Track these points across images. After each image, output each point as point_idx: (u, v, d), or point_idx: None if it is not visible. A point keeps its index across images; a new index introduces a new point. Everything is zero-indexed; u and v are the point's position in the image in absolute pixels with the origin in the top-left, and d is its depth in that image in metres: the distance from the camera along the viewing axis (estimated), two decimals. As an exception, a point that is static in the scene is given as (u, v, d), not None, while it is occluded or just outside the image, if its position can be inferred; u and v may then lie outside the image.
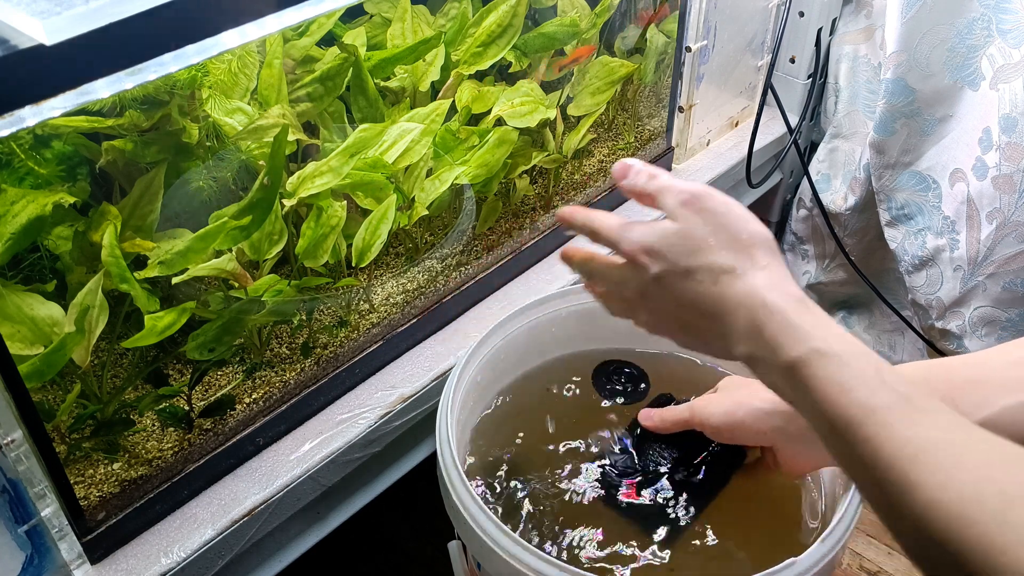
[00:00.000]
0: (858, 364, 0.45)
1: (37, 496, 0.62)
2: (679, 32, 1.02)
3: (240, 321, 0.75)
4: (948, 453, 0.41)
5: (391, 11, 0.89)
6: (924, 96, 1.06)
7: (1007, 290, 1.05)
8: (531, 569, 0.61)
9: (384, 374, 0.84)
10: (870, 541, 1.09)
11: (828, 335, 0.47)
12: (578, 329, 0.86)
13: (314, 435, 0.78)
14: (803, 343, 0.47)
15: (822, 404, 0.45)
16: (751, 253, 0.51)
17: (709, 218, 0.53)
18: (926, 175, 1.11)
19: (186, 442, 0.74)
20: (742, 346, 0.50)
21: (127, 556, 0.69)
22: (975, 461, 0.40)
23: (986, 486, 0.39)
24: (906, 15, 1.01)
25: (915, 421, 0.42)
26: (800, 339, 0.47)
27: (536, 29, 0.95)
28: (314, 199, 0.77)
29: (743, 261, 0.51)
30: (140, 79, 0.51)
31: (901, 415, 0.43)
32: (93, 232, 0.67)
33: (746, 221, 0.52)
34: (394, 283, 0.88)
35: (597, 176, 1.05)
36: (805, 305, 0.49)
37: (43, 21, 0.45)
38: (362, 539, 1.09)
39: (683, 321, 0.53)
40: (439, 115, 0.85)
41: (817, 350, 0.46)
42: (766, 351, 0.48)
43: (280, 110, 0.77)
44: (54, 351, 0.63)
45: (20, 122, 0.47)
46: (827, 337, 0.47)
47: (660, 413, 0.74)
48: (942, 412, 0.43)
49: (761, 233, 0.52)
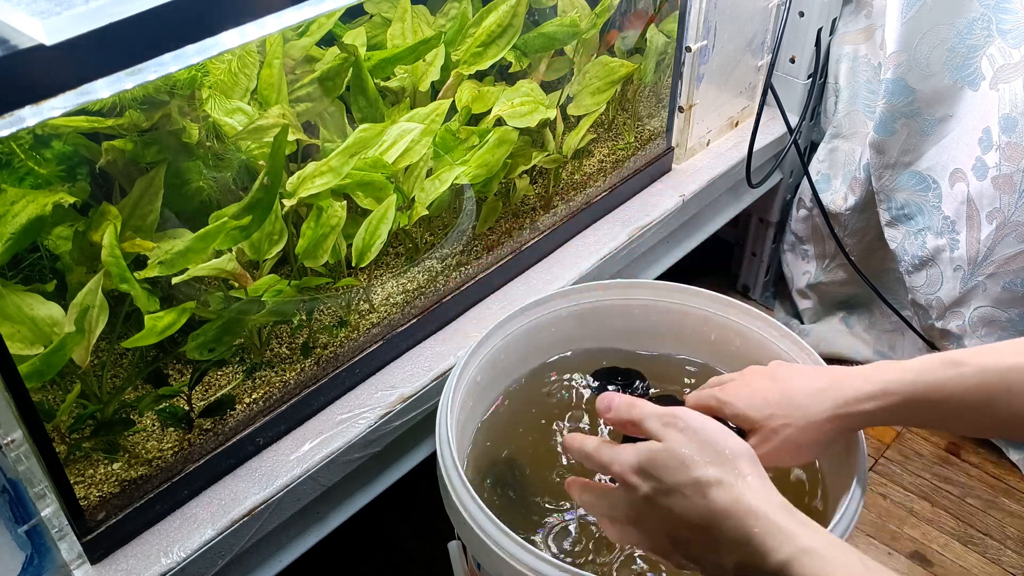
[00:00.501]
0: (844, 558, 0.48)
1: (37, 496, 0.62)
2: (679, 32, 1.02)
3: (240, 321, 0.75)
4: None
5: (391, 11, 0.90)
6: (924, 96, 1.06)
7: (1007, 290, 1.05)
8: (531, 569, 0.61)
9: (384, 374, 0.84)
10: (870, 541, 1.09)
11: (814, 535, 0.50)
12: (578, 329, 0.86)
13: (314, 435, 0.78)
14: (790, 543, 0.49)
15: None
16: (735, 465, 0.54)
17: (692, 436, 0.55)
18: (926, 175, 1.11)
19: (186, 442, 0.74)
20: (732, 555, 0.51)
21: (127, 556, 0.69)
22: None
23: None
24: (906, 15, 1.01)
25: None
26: (787, 540, 0.50)
27: (536, 29, 0.95)
28: (314, 199, 0.77)
29: (728, 473, 0.53)
30: (140, 79, 0.51)
31: None
32: (93, 232, 0.67)
33: (726, 436, 0.56)
34: (394, 283, 0.88)
35: (597, 176, 1.05)
36: (788, 509, 0.52)
37: (43, 21, 0.45)
38: (362, 539, 1.09)
39: (674, 537, 0.55)
40: (439, 115, 0.85)
41: (804, 549, 0.49)
42: (755, 557, 0.50)
43: (280, 110, 0.77)
44: (54, 351, 0.63)
45: (20, 122, 0.47)
46: (813, 536, 0.50)
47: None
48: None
49: (741, 446, 0.55)
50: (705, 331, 0.85)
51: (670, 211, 1.06)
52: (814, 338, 1.30)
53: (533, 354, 0.85)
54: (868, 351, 1.29)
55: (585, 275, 0.96)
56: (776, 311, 1.39)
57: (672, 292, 0.85)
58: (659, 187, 1.10)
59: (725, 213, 1.20)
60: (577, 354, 0.87)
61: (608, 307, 0.86)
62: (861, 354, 1.28)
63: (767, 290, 1.42)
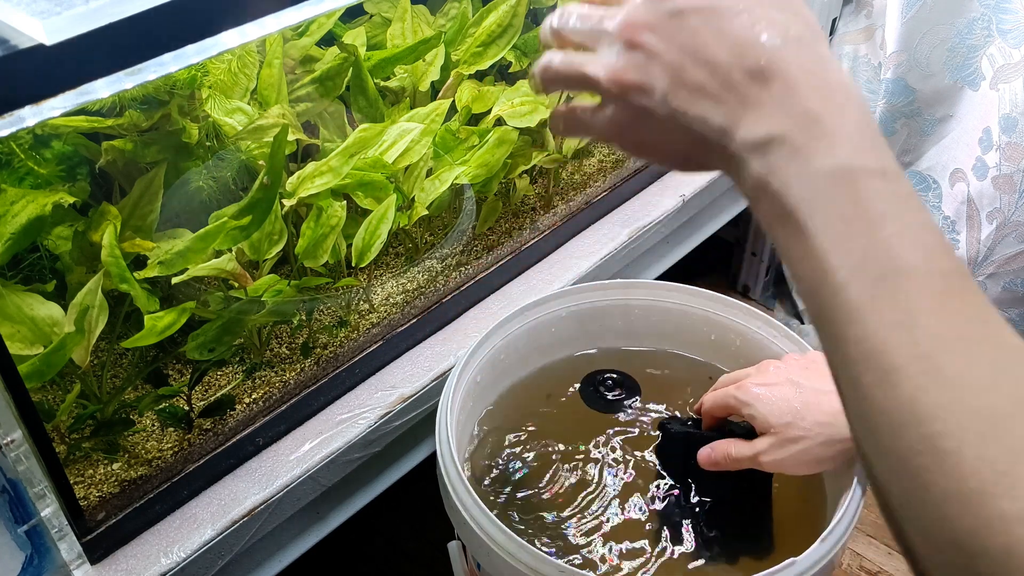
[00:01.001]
0: (911, 209, 0.35)
1: (37, 496, 0.62)
2: (679, 32, 1.02)
3: (240, 321, 0.75)
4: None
5: (391, 11, 0.90)
6: (924, 96, 1.06)
7: (1007, 290, 1.05)
8: (531, 569, 0.61)
9: (384, 374, 0.84)
10: (870, 541, 1.09)
11: (891, 162, 0.37)
12: (578, 329, 0.86)
13: (314, 435, 0.78)
14: (866, 155, 0.36)
15: (839, 227, 0.35)
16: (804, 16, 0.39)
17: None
18: (926, 175, 1.11)
19: (186, 442, 0.74)
20: (776, 121, 0.37)
21: (127, 556, 0.69)
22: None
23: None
24: (906, 15, 1.01)
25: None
26: (862, 149, 0.36)
27: (536, 29, 0.95)
28: (314, 199, 0.77)
29: (800, 21, 0.38)
30: (140, 79, 0.51)
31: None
32: (93, 232, 0.67)
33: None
34: (394, 283, 0.88)
35: (597, 176, 1.05)
36: (868, 112, 0.38)
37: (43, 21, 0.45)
38: (362, 539, 1.09)
39: (683, 77, 0.39)
40: (439, 115, 0.85)
41: (876, 169, 0.36)
42: (810, 137, 0.36)
43: (280, 110, 0.77)
44: (54, 351, 0.63)
45: (20, 122, 0.47)
46: (890, 162, 0.36)
47: (723, 452, 0.69)
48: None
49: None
50: (705, 331, 0.85)
51: (670, 211, 1.06)
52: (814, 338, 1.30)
53: (533, 354, 0.85)
54: (868, 351, 1.28)
55: (585, 275, 0.96)
56: (776, 311, 1.39)
57: (672, 292, 0.85)
58: (659, 187, 1.10)
59: (725, 213, 1.20)
60: (577, 355, 0.87)
61: (608, 307, 0.86)
62: (861, 354, 1.28)
63: (767, 290, 1.42)
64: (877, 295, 0.34)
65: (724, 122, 0.38)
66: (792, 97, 0.37)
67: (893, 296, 0.34)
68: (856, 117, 0.36)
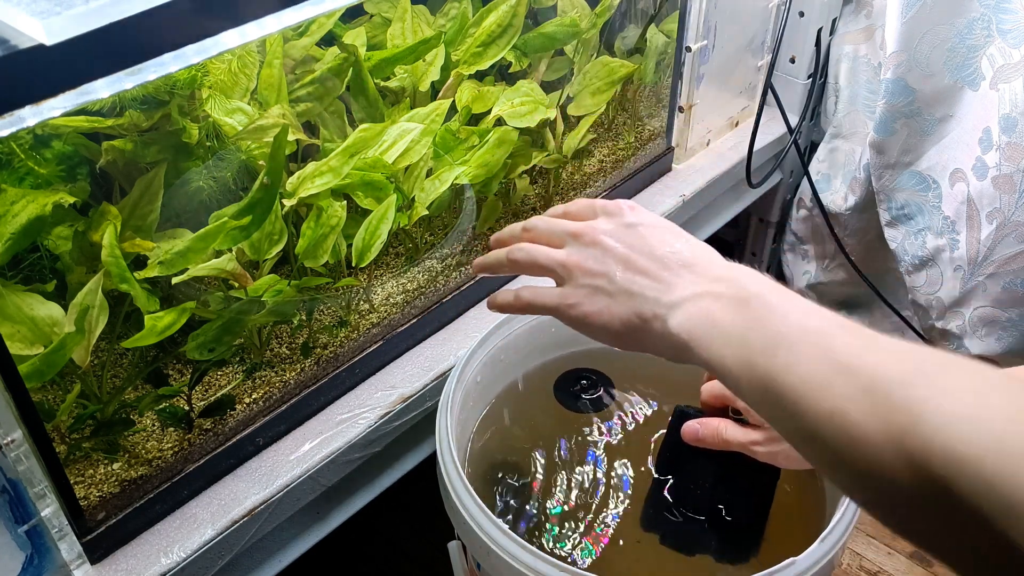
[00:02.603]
0: (826, 312, 0.47)
1: (37, 496, 0.62)
2: (679, 32, 1.02)
3: (240, 321, 0.75)
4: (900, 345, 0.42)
5: (391, 11, 0.90)
6: (924, 96, 1.06)
7: (1007, 290, 1.05)
8: (531, 569, 0.61)
9: (384, 374, 0.84)
10: (870, 541, 1.09)
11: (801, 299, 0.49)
12: (578, 329, 0.86)
13: (314, 435, 0.78)
14: (777, 292, 0.48)
15: (776, 321, 0.46)
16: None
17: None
18: (926, 175, 1.11)
19: (186, 442, 0.74)
20: (694, 287, 0.51)
21: (127, 556, 0.69)
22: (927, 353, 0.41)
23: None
24: (906, 15, 1.01)
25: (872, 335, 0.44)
26: (773, 289, 0.49)
27: (536, 29, 0.95)
28: (314, 199, 0.77)
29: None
30: (140, 79, 0.51)
31: (859, 333, 0.44)
32: (93, 232, 0.67)
33: None
34: (394, 283, 0.88)
35: (597, 176, 1.05)
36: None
37: (43, 21, 0.45)
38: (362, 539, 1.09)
39: (631, 264, 0.54)
40: (439, 115, 0.85)
41: (789, 297, 0.48)
42: (725, 287, 0.49)
43: (280, 110, 0.77)
44: (54, 351, 0.63)
45: (20, 122, 0.47)
46: (800, 299, 0.48)
47: (713, 431, 0.70)
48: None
49: None
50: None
51: (670, 211, 1.06)
52: (814, 338, 1.30)
53: (533, 354, 0.85)
54: (868, 351, 1.28)
55: (585, 275, 0.96)
56: (776, 311, 1.39)
57: (672, 292, 0.85)
58: (659, 187, 1.10)
59: (725, 213, 1.20)
60: (577, 355, 0.87)
61: (608, 307, 0.86)
62: (861, 354, 1.28)
63: (767, 290, 1.42)
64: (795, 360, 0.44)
65: (658, 294, 0.52)
66: (709, 272, 0.52)
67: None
68: (762, 279, 0.50)
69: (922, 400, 0.37)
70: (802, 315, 0.46)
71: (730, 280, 0.50)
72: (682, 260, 0.53)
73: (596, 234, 0.56)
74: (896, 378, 0.39)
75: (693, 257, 0.53)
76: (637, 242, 0.54)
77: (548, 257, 0.57)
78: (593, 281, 0.55)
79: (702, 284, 0.51)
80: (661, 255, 0.53)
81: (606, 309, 0.54)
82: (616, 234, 0.55)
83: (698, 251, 0.54)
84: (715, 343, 0.48)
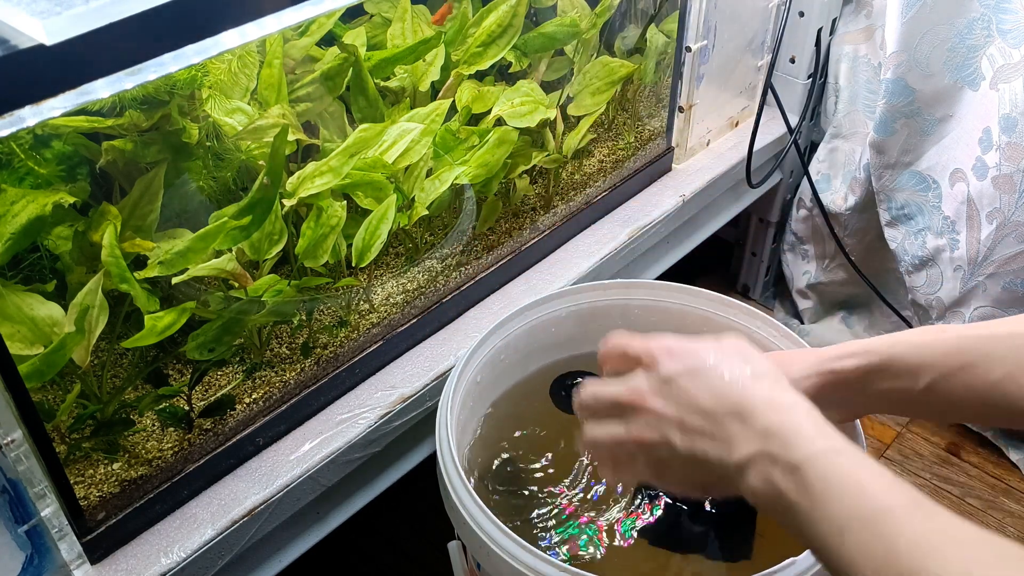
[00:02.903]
0: (870, 464, 0.47)
1: (37, 496, 0.62)
2: (679, 32, 1.02)
3: (240, 321, 0.75)
4: (962, 548, 0.42)
5: (391, 11, 0.90)
6: (924, 96, 1.06)
7: (1007, 290, 1.05)
8: (531, 569, 0.61)
9: (384, 374, 0.84)
10: (870, 541, 1.09)
11: (838, 439, 0.49)
12: (578, 329, 0.86)
13: (314, 435, 0.78)
14: (814, 443, 0.48)
15: (835, 500, 0.46)
16: (761, 365, 0.55)
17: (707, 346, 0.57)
18: (926, 175, 1.11)
19: (186, 442, 0.74)
20: (750, 445, 0.50)
21: (127, 556, 0.69)
22: (989, 555, 0.42)
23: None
24: (906, 15, 1.01)
25: (929, 516, 0.44)
26: (811, 440, 0.49)
27: (536, 29, 0.95)
28: (314, 199, 0.77)
29: (757, 366, 0.54)
30: (140, 79, 0.51)
31: (916, 511, 0.44)
32: (93, 232, 0.67)
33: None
34: (394, 283, 0.88)
35: (597, 176, 1.05)
36: (813, 409, 0.51)
37: (43, 21, 0.45)
38: (362, 539, 1.09)
39: (682, 425, 0.53)
40: (439, 115, 0.85)
41: (833, 448, 0.48)
42: (777, 446, 0.49)
43: (280, 110, 0.77)
44: (54, 351, 0.63)
45: (20, 122, 0.47)
46: (837, 439, 0.49)
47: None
48: (949, 514, 0.45)
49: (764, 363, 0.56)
50: (705, 331, 0.85)
51: (670, 211, 1.06)
52: (814, 338, 1.30)
53: (533, 354, 0.85)
54: (868, 351, 1.28)
55: (585, 275, 0.96)
56: (776, 311, 1.39)
57: (672, 292, 0.85)
58: (659, 187, 1.10)
59: (725, 213, 1.20)
60: (577, 355, 0.87)
61: (608, 307, 0.86)
62: (861, 354, 1.28)
63: (767, 290, 1.42)
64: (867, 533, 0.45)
65: (721, 454, 0.51)
66: (756, 422, 0.50)
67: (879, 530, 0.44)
68: (801, 417, 0.50)
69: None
70: (857, 496, 0.46)
71: (778, 437, 0.49)
72: (728, 407, 0.52)
73: (643, 400, 0.55)
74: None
75: (737, 397, 0.52)
76: (683, 397, 0.54)
77: (610, 438, 0.57)
78: (656, 453, 0.55)
79: (755, 442, 0.50)
80: (709, 408, 0.52)
81: (680, 482, 0.56)
82: (661, 392, 0.55)
83: (736, 385, 0.53)
84: (785, 518, 0.48)
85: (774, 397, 0.52)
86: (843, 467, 0.47)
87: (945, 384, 0.58)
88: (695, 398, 0.53)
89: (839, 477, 0.46)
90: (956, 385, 0.58)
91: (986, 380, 0.57)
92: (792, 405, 0.51)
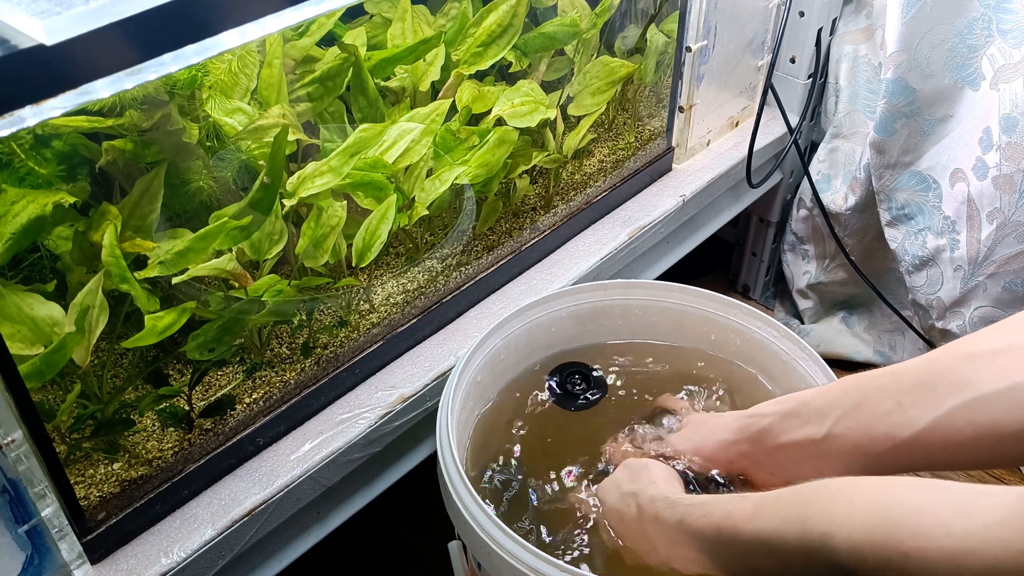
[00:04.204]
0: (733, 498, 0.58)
1: (37, 496, 0.62)
2: (679, 32, 1.02)
3: (240, 321, 0.75)
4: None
5: (391, 11, 0.90)
6: (924, 96, 1.06)
7: (1007, 290, 1.05)
8: (531, 569, 0.61)
9: (384, 374, 0.84)
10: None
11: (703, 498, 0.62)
12: (578, 329, 0.86)
13: (314, 435, 0.78)
14: (680, 506, 0.62)
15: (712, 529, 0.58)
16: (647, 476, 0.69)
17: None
18: (926, 175, 1.11)
19: (186, 442, 0.74)
20: (659, 541, 0.63)
21: (127, 556, 0.69)
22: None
23: None
24: (906, 15, 1.01)
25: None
26: (677, 504, 0.62)
27: (536, 29, 0.95)
28: (314, 199, 0.77)
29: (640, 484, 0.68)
30: (140, 79, 0.51)
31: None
32: (93, 232, 0.67)
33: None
34: (394, 283, 0.88)
35: (597, 176, 1.05)
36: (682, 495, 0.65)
37: (43, 21, 0.44)
38: (362, 539, 1.09)
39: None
40: (439, 115, 0.85)
41: (693, 503, 0.61)
42: (672, 531, 0.61)
43: (280, 110, 0.77)
44: (54, 351, 0.63)
45: (20, 122, 0.47)
46: (701, 497, 0.63)
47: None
48: None
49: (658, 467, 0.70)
50: (705, 331, 0.85)
51: (670, 211, 1.06)
52: (814, 338, 1.30)
53: (533, 354, 0.85)
54: (868, 351, 1.29)
55: (585, 275, 0.96)
56: (776, 311, 1.39)
57: (672, 292, 0.85)
58: (659, 187, 1.10)
59: (725, 213, 1.20)
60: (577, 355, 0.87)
61: (608, 307, 0.86)
62: (861, 354, 1.28)
63: (767, 290, 1.42)
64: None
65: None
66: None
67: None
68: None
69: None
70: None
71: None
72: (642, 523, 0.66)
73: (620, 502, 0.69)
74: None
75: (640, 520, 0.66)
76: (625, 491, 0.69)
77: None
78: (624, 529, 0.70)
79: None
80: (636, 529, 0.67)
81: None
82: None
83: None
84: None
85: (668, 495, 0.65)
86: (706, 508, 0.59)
87: (847, 422, 0.60)
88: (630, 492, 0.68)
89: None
90: (856, 425, 0.60)
91: (876, 412, 0.58)
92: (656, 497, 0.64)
